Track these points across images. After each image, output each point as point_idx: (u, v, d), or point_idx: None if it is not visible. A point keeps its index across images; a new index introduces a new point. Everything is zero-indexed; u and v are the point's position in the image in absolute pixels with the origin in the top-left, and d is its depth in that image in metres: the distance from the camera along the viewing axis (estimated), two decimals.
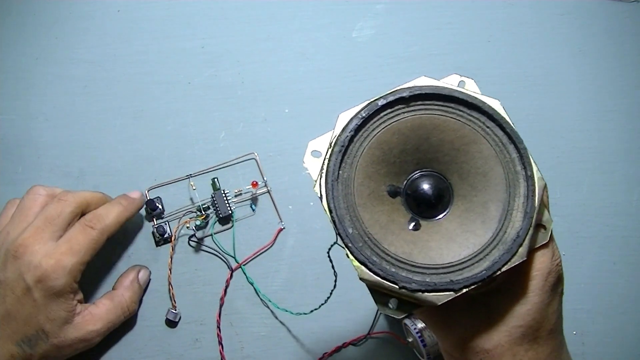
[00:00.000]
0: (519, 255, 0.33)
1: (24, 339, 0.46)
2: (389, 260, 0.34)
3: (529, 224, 0.33)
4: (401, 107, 0.36)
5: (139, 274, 0.53)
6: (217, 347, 0.53)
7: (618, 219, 0.57)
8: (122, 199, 0.52)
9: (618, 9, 0.63)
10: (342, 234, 0.34)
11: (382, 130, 0.36)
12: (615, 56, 0.61)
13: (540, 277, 0.35)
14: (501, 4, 0.63)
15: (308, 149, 0.36)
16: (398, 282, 0.33)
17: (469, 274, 0.33)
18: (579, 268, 0.55)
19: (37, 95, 0.59)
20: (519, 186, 0.34)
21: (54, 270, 0.46)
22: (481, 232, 0.34)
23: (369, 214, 0.35)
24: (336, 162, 0.35)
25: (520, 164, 0.34)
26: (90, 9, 0.62)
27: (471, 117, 0.35)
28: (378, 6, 0.62)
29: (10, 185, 0.56)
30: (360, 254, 0.33)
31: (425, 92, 0.35)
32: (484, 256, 0.34)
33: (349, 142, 0.35)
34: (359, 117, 0.35)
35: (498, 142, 0.35)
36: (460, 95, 0.35)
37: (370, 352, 0.53)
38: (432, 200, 0.36)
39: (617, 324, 0.54)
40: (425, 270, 0.34)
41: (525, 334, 0.35)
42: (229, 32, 0.61)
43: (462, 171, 0.36)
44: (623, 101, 0.60)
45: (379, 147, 0.36)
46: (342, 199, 0.34)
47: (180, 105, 0.59)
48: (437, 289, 0.33)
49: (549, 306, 0.36)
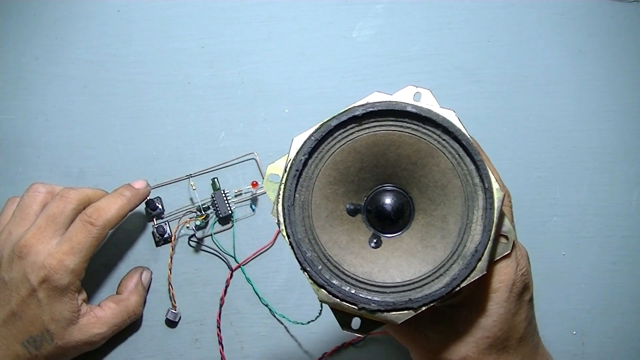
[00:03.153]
0: (479, 270, 0.33)
1: (29, 339, 0.46)
2: (348, 282, 0.34)
3: (487, 237, 0.33)
4: (355, 126, 0.35)
5: (142, 276, 0.53)
6: (217, 347, 0.53)
7: (618, 219, 0.57)
8: (125, 190, 0.51)
9: (618, 9, 0.63)
10: (299, 259, 0.34)
11: (337, 150, 0.35)
12: (615, 56, 0.61)
13: (504, 288, 0.35)
14: (501, 4, 0.63)
15: (267, 172, 0.36)
16: (357, 303, 0.33)
17: (429, 291, 0.33)
18: (579, 268, 0.55)
19: (37, 95, 0.59)
20: (477, 198, 0.34)
21: (57, 271, 0.46)
22: (441, 247, 0.34)
23: (328, 236, 0.35)
24: (292, 186, 0.35)
25: (477, 175, 0.34)
26: (90, 9, 0.62)
27: (427, 130, 0.35)
28: (378, 6, 0.62)
29: (10, 185, 0.56)
30: (319, 278, 0.33)
31: (378, 109, 0.35)
32: (444, 271, 0.33)
33: (303, 165, 0.35)
34: (312, 139, 0.35)
35: (455, 155, 0.35)
36: (412, 109, 0.34)
37: (370, 352, 0.53)
38: (392, 215, 0.36)
39: (617, 324, 0.54)
40: (385, 289, 0.33)
41: (493, 345, 0.35)
42: (229, 32, 0.61)
43: (421, 185, 0.36)
44: (623, 101, 0.60)
45: (335, 167, 0.35)
46: (299, 222, 0.34)
47: (180, 105, 0.59)
48: (396, 308, 0.33)
49: (515, 316, 0.36)
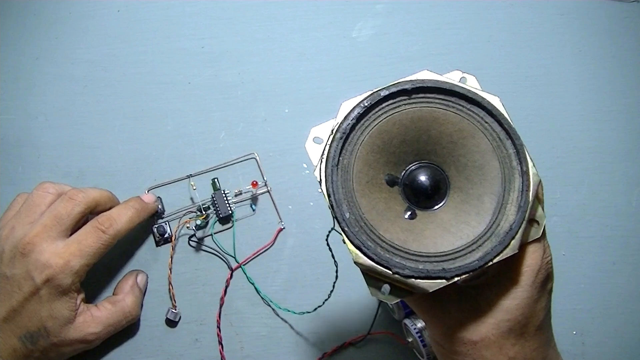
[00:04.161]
0: (511, 248, 0.34)
1: (26, 334, 0.46)
2: (383, 247, 0.34)
3: (522, 217, 0.34)
4: (403, 99, 0.36)
5: (137, 278, 0.53)
6: (217, 347, 0.53)
7: (618, 219, 0.57)
8: (136, 203, 0.52)
9: (618, 9, 0.63)
10: (339, 218, 0.34)
11: (383, 120, 0.36)
12: (615, 56, 0.61)
13: (530, 272, 0.36)
14: (501, 4, 0.63)
15: (310, 134, 0.36)
16: (392, 267, 0.33)
17: (461, 264, 0.34)
18: (579, 268, 0.55)
19: (37, 95, 0.59)
20: (514, 181, 0.35)
21: (62, 270, 0.46)
22: (475, 224, 0.35)
23: (367, 200, 0.35)
24: (337, 148, 0.35)
25: (516, 159, 0.35)
26: (90, 9, 0.62)
27: (471, 112, 0.36)
28: (378, 6, 0.62)
29: (10, 185, 0.56)
30: (356, 239, 0.34)
31: (428, 85, 0.36)
32: (476, 247, 0.34)
33: (351, 130, 0.36)
34: (362, 106, 0.36)
35: (496, 138, 0.36)
36: (461, 90, 0.36)
37: (370, 352, 0.53)
38: (428, 191, 0.36)
39: (617, 324, 0.54)
40: (418, 258, 0.34)
41: (513, 329, 0.36)
42: (229, 32, 0.61)
43: (459, 164, 0.36)
44: (623, 101, 0.60)
45: (380, 136, 0.36)
46: (340, 184, 0.35)
47: (180, 105, 0.59)
48: (429, 277, 0.33)
49: (537, 302, 0.36)
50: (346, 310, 0.54)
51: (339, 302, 0.54)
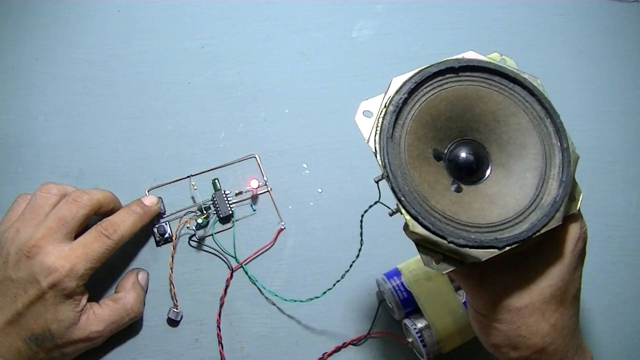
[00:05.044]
0: (556, 220, 0.35)
1: (31, 337, 0.46)
2: (436, 217, 0.35)
3: (565, 191, 0.36)
4: (450, 77, 0.38)
5: (139, 276, 0.53)
6: (217, 347, 0.53)
7: (618, 219, 0.57)
8: (138, 207, 0.52)
9: (618, 9, 0.63)
10: (395, 188, 0.35)
11: (432, 96, 0.38)
12: (615, 56, 0.61)
13: (571, 241, 0.38)
14: (501, 4, 0.63)
15: (360, 108, 0.37)
16: (447, 237, 0.34)
17: (510, 234, 0.35)
18: None
19: (37, 95, 0.59)
20: (554, 157, 0.37)
21: (67, 274, 0.46)
22: (520, 197, 0.37)
23: (418, 173, 0.36)
24: (390, 121, 0.36)
25: (556, 137, 0.37)
26: (90, 9, 0.62)
27: (513, 91, 0.38)
28: (378, 6, 0.62)
29: (10, 185, 0.56)
30: (412, 208, 0.35)
31: (473, 64, 0.38)
32: (523, 219, 0.36)
33: (403, 103, 0.37)
34: (412, 81, 0.37)
35: (536, 116, 0.38)
36: (504, 70, 0.38)
37: (370, 352, 0.53)
38: (472, 166, 0.38)
39: (617, 324, 0.54)
40: (469, 228, 0.35)
41: (555, 295, 0.37)
42: (229, 32, 0.61)
43: (501, 141, 0.38)
44: (623, 101, 0.60)
45: (428, 111, 0.37)
46: (395, 155, 0.36)
47: (180, 105, 0.59)
48: (482, 246, 0.35)
49: (576, 270, 0.38)
50: (346, 310, 0.54)
51: (340, 302, 0.54)
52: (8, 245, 0.47)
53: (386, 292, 0.52)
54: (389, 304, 0.52)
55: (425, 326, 0.49)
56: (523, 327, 0.37)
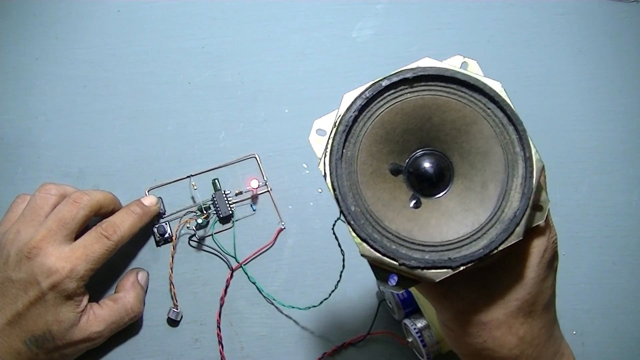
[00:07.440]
0: (516, 235, 0.34)
1: (31, 338, 0.46)
2: (389, 238, 0.34)
3: (526, 204, 0.34)
4: (405, 88, 0.36)
5: (138, 275, 0.53)
6: (217, 347, 0.53)
7: (618, 219, 0.57)
8: (137, 207, 0.52)
9: (618, 9, 0.63)
10: (344, 212, 0.34)
11: (386, 110, 0.36)
12: (615, 56, 0.61)
13: (537, 254, 0.36)
14: (501, 4, 0.63)
15: (313, 127, 0.36)
16: (398, 259, 0.34)
17: (467, 252, 0.34)
18: (579, 268, 0.55)
19: (37, 95, 0.59)
20: (517, 167, 0.35)
21: (68, 275, 0.46)
22: (480, 211, 0.35)
23: (371, 192, 0.35)
24: (340, 141, 0.35)
25: (519, 145, 0.35)
26: (90, 9, 0.62)
27: (473, 98, 0.36)
28: (378, 6, 0.62)
29: (10, 185, 0.56)
30: (362, 231, 0.34)
31: (429, 73, 0.36)
32: (482, 234, 0.34)
33: (353, 121, 0.36)
34: (363, 97, 0.36)
35: (498, 124, 0.36)
36: (462, 76, 0.36)
37: (370, 352, 0.53)
38: (433, 178, 0.37)
39: (617, 324, 0.54)
40: (424, 248, 0.34)
41: (521, 308, 0.36)
42: (229, 32, 0.61)
43: (463, 151, 0.37)
44: (622, 101, 0.60)
45: (382, 126, 0.36)
46: (345, 177, 0.35)
47: (180, 105, 0.59)
48: (435, 266, 0.33)
49: (544, 281, 0.37)
50: (346, 310, 0.54)
51: (339, 302, 0.54)
52: (8, 246, 0.47)
53: (386, 292, 0.52)
54: (389, 304, 0.52)
55: (425, 326, 0.49)
56: (490, 341, 0.36)
